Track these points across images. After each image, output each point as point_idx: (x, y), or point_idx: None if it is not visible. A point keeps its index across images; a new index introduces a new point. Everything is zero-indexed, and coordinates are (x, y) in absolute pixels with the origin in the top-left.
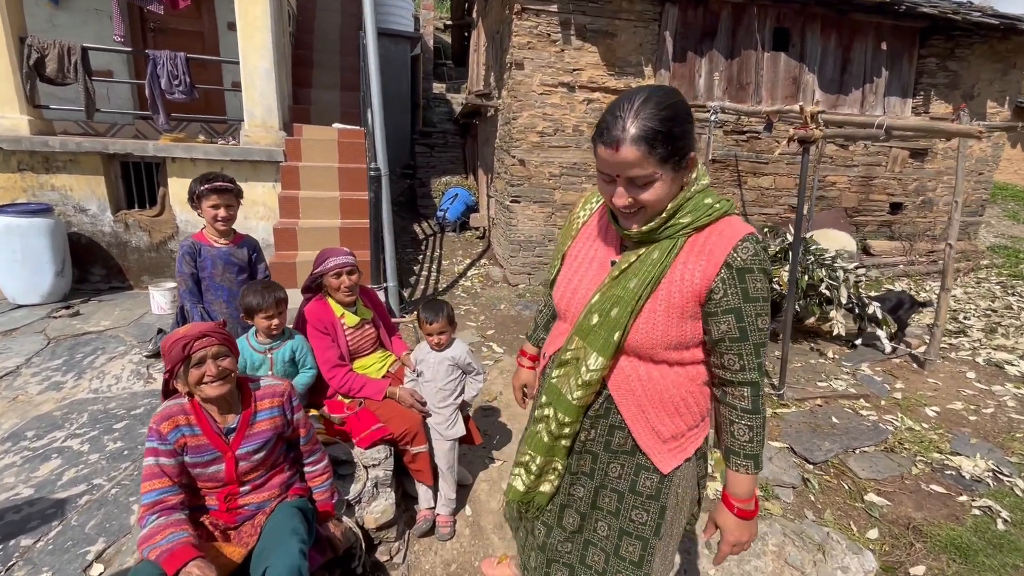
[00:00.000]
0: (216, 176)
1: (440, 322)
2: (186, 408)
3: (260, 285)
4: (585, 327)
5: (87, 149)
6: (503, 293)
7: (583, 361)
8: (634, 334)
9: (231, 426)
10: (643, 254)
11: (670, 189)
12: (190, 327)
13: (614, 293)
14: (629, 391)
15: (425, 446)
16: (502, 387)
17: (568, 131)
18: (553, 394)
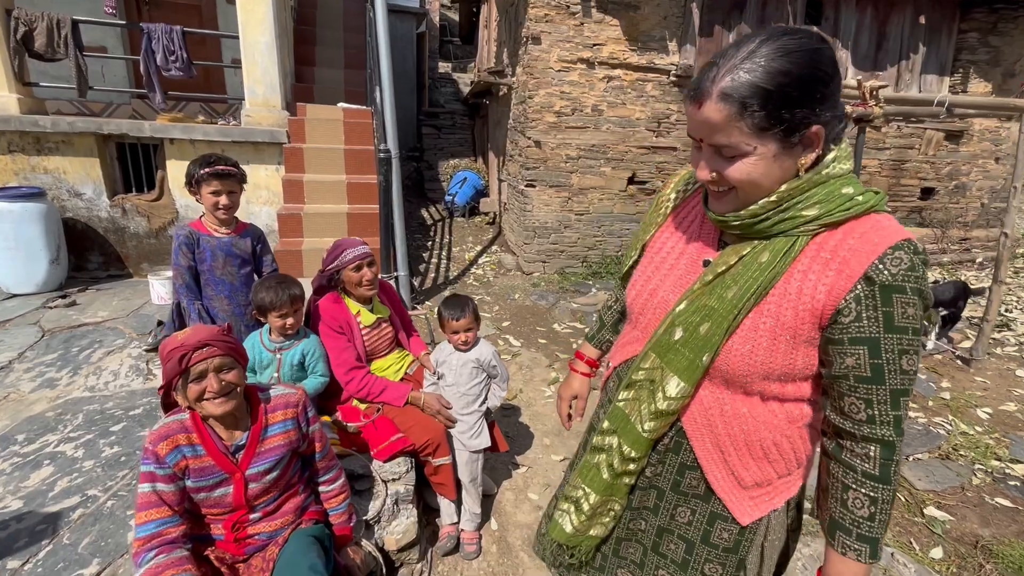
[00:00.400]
0: (217, 159)
1: (466, 319)
2: (187, 425)
3: (274, 280)
4: (665, 343)
5: (80, 129)
6: (517, 282)
7: (660, 385)
8: (726, 357)
9: (239, 443)
10: (748, 255)
11: (771, 169)
12: (189, 333)
13: (706, 304)
14: (707, 426)
15: (448, 457)
16: (522, 384)
17: (587, 111)
18: (619, 421)
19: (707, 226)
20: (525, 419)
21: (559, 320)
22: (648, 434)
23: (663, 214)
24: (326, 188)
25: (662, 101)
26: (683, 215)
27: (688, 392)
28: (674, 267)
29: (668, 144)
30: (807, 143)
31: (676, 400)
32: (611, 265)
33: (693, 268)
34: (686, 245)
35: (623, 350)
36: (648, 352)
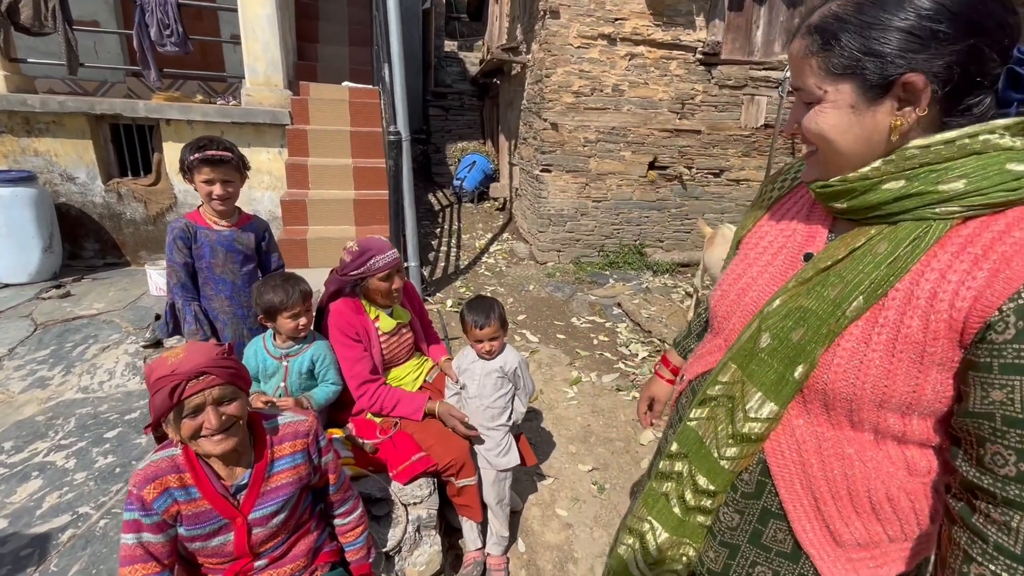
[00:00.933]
0: (210, 143)
1: (491, 327)
2: (178, 463)
3: (279, 278)
4: (748, 351)
5: (71, 109)
6: (531, 272)
7: (740, 403)
8: (825, 373)
9: (241, 482)
10: (862, 246)
11: (847, 123)
12: (181, 357)
13: (802, 304)
14: (799, 464)
15: (474, 478)
16: (542, 384)
17: (607, 91)
18: (690, 444)
19: (817, 214)
20: (548, 424)
21: (577, 313)
22: (727, 463)
23: (766, 205)
24: (332, 173)
25: (687, 81)
26: (790, 203)
27: (776, 414)
28: (770, 264)
29: (692, 127)
30: (903, 97)
31: (760, 423)
32: (629, 255)
33: (792, 264)
34: (788, 238)
35: (700, 361)
36: (727, 363)
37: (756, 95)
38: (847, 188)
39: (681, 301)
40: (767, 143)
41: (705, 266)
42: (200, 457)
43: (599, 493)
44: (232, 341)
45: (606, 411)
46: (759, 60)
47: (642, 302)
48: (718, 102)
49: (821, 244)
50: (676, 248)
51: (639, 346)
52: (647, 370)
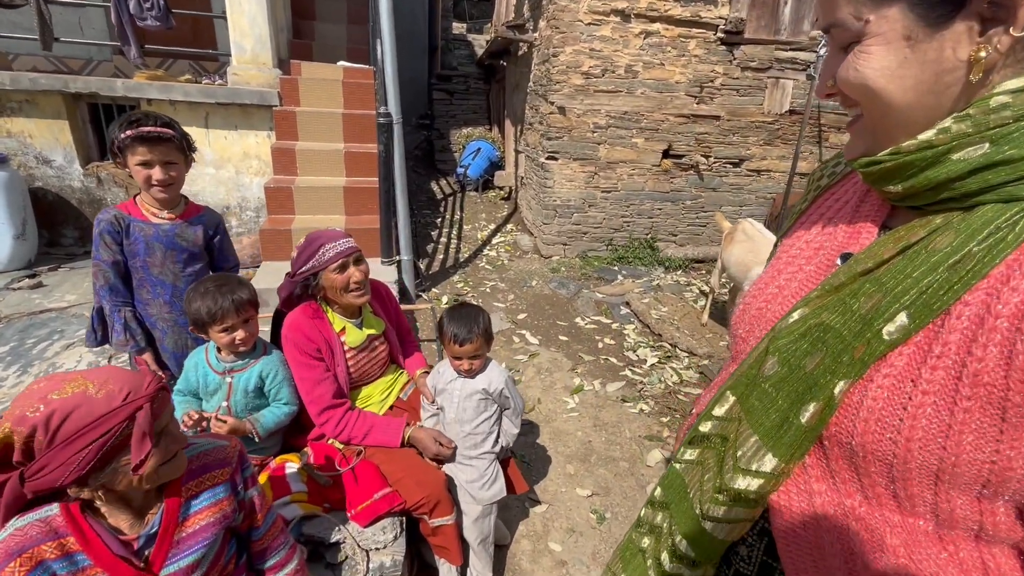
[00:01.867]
0: (144, 118)
1: (475, 342)
2: (55, 527)
3: (212, 283)
4: (750, 378)
5: (44, 87)
6: (534, 266)
7: (735, 447)
8: (851, 419)
9: (149, 531)
10: (920, 242)
11: (901, 64)
12: (93, 403)
13: (823, 320)
14: (816, 550)
15: (451, 517)
16: (540, 392)
17: (619, 72)
18: (674, 491)
19: (869, 204)
20: (544, 439)
21: (582, 313)
22: (712, 526)
23: (811, 198)
24: (321, 158)
25: (707, 62)
26: (840, 193)
27: (778, 470)
28: (803, 267)
29: (711, 112)
30: (986, 14)
31: (757, 479)
32: (639, 249)
33: (827, 266)
34: (829, 236)
35: (711, 392)
36: (726, 392)
37: (782, 78)
38: (902, 163)
39: (695, 301)
40: (792, 131)
41: (723, 265)
42: (88, 512)
43: (598, 524)
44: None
45: (609, 425)
46: (786, 40)
47: (652, 301)
48: (740, 85)
49: (868, 241)
50: (690, 243)
51: (647, 351)
52: (656, 379)
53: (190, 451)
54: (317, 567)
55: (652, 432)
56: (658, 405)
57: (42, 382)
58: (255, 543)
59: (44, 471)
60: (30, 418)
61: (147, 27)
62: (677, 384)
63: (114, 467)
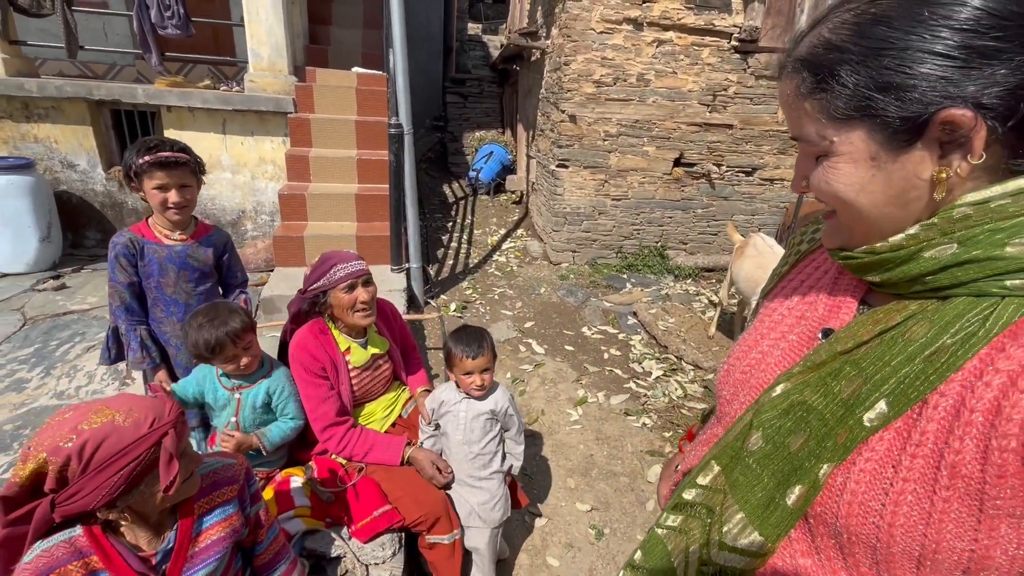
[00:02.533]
0: (161, 144)
1: (484, 356)
2: (80, 547)
3: (204, 316)
4: (734, 450)
5: (69, 94)
6: (543, 273)
7: (720, 521)
8: (835, 501)
9: (166, 547)
10: (896, 328)
11: (869, 180)
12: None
13: (806, 400)
14: None
15: (448, 536)
16: (544, 403)
17: (631, 80)
18: (656, 558)
19: (847, 278)
20: (546, 451)
21: (589, 322)
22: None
23: (792, 260)
24: (334, 165)
25: (720, 70)
26: (816, 263)
27: (763, 548)
28: (785, 336)
29: (724, 121)
30: (945, 140)
31: (742, 556)
32: (649, 257)
33: (808, 339)
34: (810, 306)
35: (696, 451)
36: (710, 461)
37: None
38: (876, 260)
39: (703, 312)
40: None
41: (732, 279)
42: (109, 532)
43: (597, 540)
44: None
45: (612, 439)
46: None
47: (660, 312)
48: (753, 94)
49: (847, 318)
50: (701, 251)
51: (653, 363)
52: (660, 392)
53: (201, 469)
54: None
55: (654, 447)
56: (661, 419)
57: (68, 412)
58: (257, 557)
59: (77, 496)
60: (64, 448)
61: (168, 35)
62: (681, 398)
63: (140, 489)
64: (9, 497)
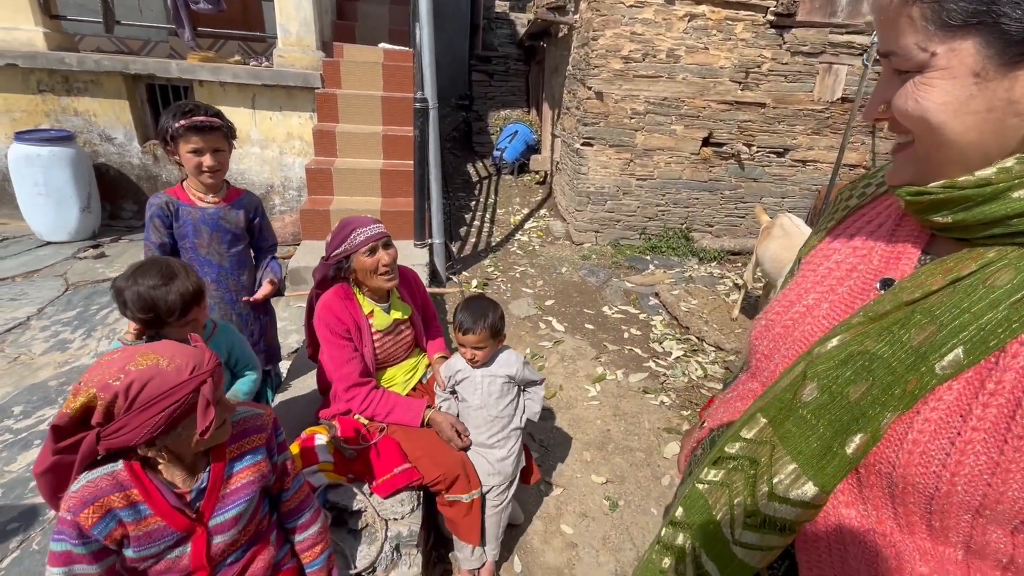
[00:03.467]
0: (196, 108)
1: (479, 334)
2: (120, 480)
3: (156, 271)
4: (784, 402)
5: (107, 68)
6: (565, 253)
7: (767, 474)
8: (894, 451)
9: (200, 486)
10: (972, 275)
11: (966, 101)
12: (165, 375)
13: (869, 349)
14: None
15: (467, 495)
16: (563, 379)
17: (661, 56)
18: (696, 513)
19: (906, 229)
20: (563, 424)
21: (610, 302)
22: (744, 552)
23: (839, 216)
24: (360, 140)
25: (754, 46)
26: (871, 214)
27: (818, 499)
28: (833, 290)
29: (756, 99)
30: None
31: (793, 507)
32: (674, 239)
33: (863, 292)
34: (863, 258)
35: (728, 408)
36: (755, 414)
37: (835, 63)
38: (955, 196)
39: (727, 295)
40: (843, 120)
41: (758, 260)
42: (148, 468)
43: (611, 511)
44: None
45: (629, 415)
46: (842, 22)
47: (683, 293)
48: (788, 71)
49: (908, 268)
50: (727, 234)
51: (673, 343)
52: (679, 372)
53: (232, 417)
54: (340, 532)
55: (671, 425)
56: (680, 398)
57: (115, 354)
58: (284, 503)
59: (121, 432)
60: (113, 386)
61: (200, 10)
62: (701, 378)
63: (178, 432)
64: (59, 427)
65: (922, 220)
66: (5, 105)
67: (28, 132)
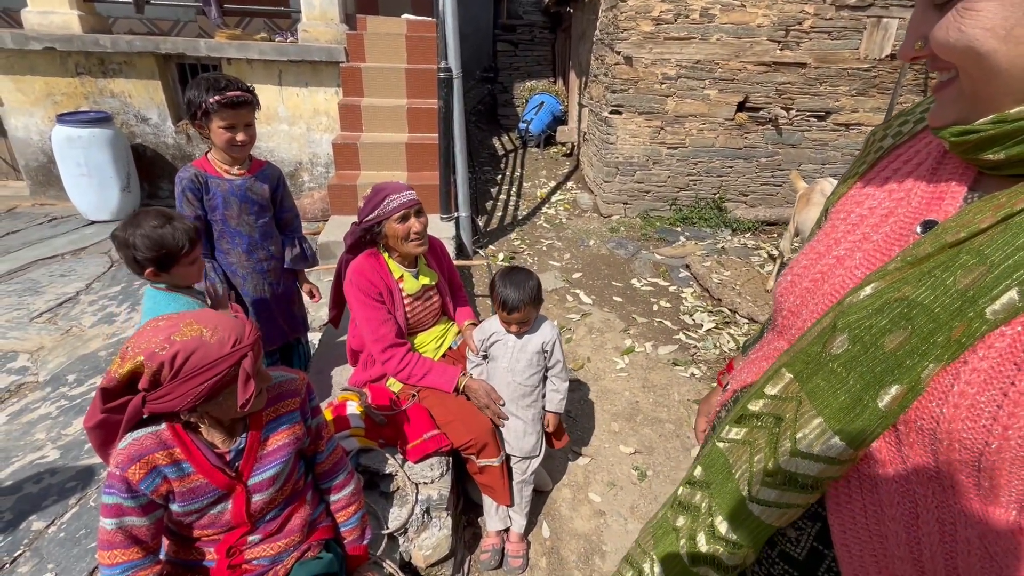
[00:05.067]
0: (227, 83)
1: (521, 311)
2: (165, 439)
3: (154, 215)
4: (812, 356)
5: (139, 49)
6: (593, 226)
7: (790, 429)
8: (938, 404)
9: (238, 447)
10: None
11: (1017, 24)
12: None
13: (907, 295)
14: (877, 538)
15: (497, 458)
16: (591, 351)
17: (694, 16)
18: (716, 471)
19: (949, 167)
20: (592, 395)
21: (638, 274)
22: (760, 509)
23: (871, 160)
24: (385, 114)
25: (794, 1)
26: (908, 155)
27: (843, 455)
28: (869, 236)
29: (796, 59)
30: None
31: (817, 463)
32: (705, 210)
33: (902, 236)
34: (900, 200)
35: (752, 367)
36: (780, 369)
37: (885, 17)
38: (1008, 130)
39: (761, 266)
40: (891, 79)
41: (796, 228)
42: (190, 429)
43: (639, 480)
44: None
45: (658, 387)
46: None
47: (714, 265)
48: (832, 27)
49: (953, 208)
50: (762, 204)
51: (704, 315)
52: (711, 344)
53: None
54: (372, 494)
55: (702, 397)
56: (711, 370)
57: (161, 321)
58: (319, 465)
59: (166, 398)
60: (159, 355)
61: None
62: (733, 350)
63: (219, 400)
64: (108, 389)
65: (969, 160)
66: (47, 89)
67: (69, 114)
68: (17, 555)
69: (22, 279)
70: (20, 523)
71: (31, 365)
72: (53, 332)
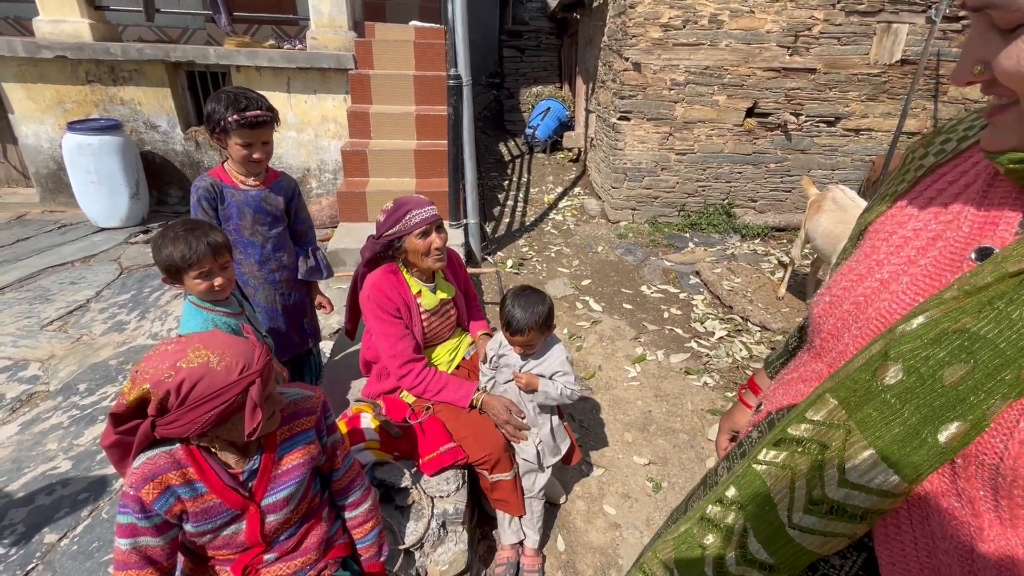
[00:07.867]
0: (248, 102)
1: (525, 335)
2: (179, 459)
3: (182, 227)
4: (862, 384)
5: (149, 56)
6: (601, 231)
7: (838, 459)
8: (1003, 441)
9: (252, 467)
10: None
11: None
12: (214, 375)
13: (967, 327)
14: (930, 572)
15: (509, 473)
16: (601, 359)
17: (702, 22)
18: (751, 493)
19: (1000, 191)
20: (603, 405)
21: (648, 281)
22: (798, 535)
23: (911, 179)
24: (393, 121)
25: (804, 7)
26: (951, 177)
27: (898, 489)
28: (915, 260)
29: (805, 65)
30: None
31: (870, 496)
32: (714, 215)
33: (953, 263)
34: (947, 224)
35: (789, 390)
36: (824, 395)
37: (895, 22)
38: None
39: (772, 273)
40: (902, 84)
41: (807, 235)
42: (203, 449)
43: (654, 492)
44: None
45: (671, 396)
46: None
47: (725, 271)
48: (842, 33)
49: (1009, 236)
50: (772, 209)
51: (716, 323)
52: (723, 352)
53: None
54: (387, 508)
55: (716, 406)
56: (723, 379)
57: (170, 345)
58: (335, 482)
59: (174, 424)
60: (165, 383)
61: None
62: (746, 359)
63: (228, 426)
64: (118, 414)
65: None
66: (57, 96)
67: (80, 122)
68: (30, 568)
69: (32, 287)
70: (33, 536)
71: (42, 374)
72: (64, 340)
